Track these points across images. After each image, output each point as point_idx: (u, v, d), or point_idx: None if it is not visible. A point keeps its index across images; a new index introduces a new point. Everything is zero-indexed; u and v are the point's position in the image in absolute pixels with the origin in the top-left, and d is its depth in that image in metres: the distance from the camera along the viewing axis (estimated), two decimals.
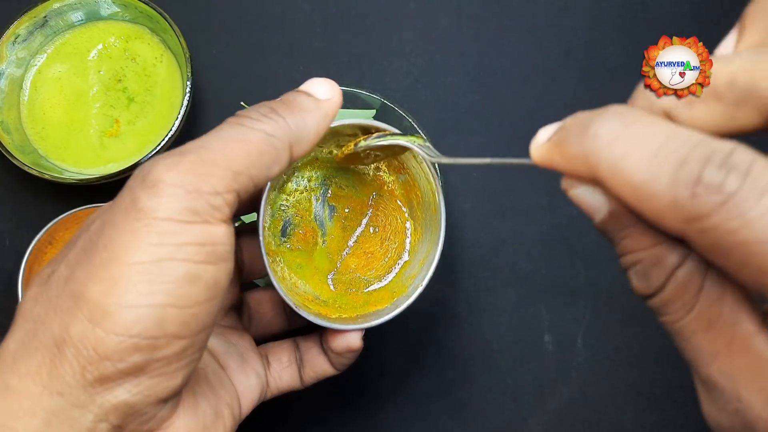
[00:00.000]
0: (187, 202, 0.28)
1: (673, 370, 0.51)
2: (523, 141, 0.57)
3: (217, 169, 0.29)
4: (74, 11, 0.54)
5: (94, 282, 0.27)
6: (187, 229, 0.28)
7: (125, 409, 0.28)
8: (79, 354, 0.27)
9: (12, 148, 0.50)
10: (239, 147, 0.30)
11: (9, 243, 0.54)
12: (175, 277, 0.27)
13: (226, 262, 0.29)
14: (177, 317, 0.27)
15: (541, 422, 0.51)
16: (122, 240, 0.27)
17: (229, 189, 0.29)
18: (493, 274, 0.53)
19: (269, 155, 0.30)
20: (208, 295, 0.28)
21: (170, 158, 0.29)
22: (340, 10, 0.57)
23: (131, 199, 0.28)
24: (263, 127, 0.31)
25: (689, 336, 0.24)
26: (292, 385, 0.40)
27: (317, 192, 0.43)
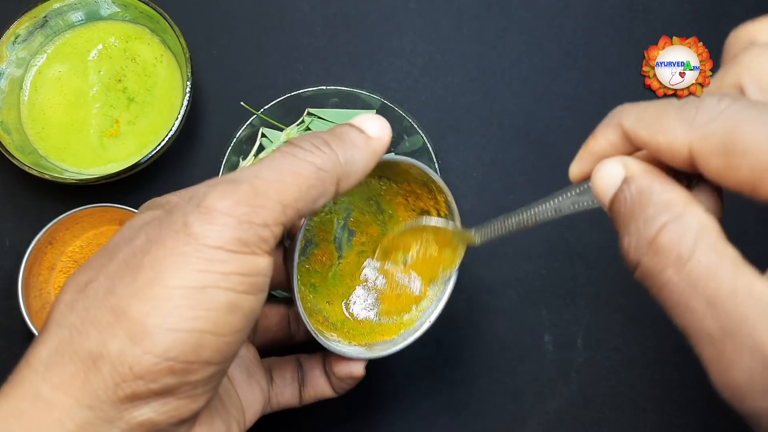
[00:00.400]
0: (238, 233, 0.28)
1: (673, 370, 0.51)
2: (523, 141, 0.57)
3: (268, 202, 0.29)
4: (74, 11, 0.54)
5: (137, 300, 0.27)
6: (235, 259, 0.28)
7: (149, 427, 0.28)
8: (115, 371, 0.27)
9: (12, 148, 0.50)
10: (291, 180, 0.30)
11: (9, 243, 0.54)
12: (218, 305, 0.28)
13: (264, 293, 0.30)
14: (213, 344, 0.28)
15: (541, 422, 0.51)
16: (169, 262, 0.28)
17: (278, 222, 0.29)
18: (493, 275, 0.53)
19: (317, 189, 0.31)
20: (243, 325, 0.29)
21: (224, 186, 0.29)
22: (340, 10, 0.57)
23: (183, 222, 0.28)
24: (315, 160, 0.31)
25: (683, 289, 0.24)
26: (291, 403, 0.41)
27: (340, 216, 0.43)
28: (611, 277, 0.52)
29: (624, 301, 0.52)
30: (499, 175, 0.54)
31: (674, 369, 0.51)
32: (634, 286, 0.55)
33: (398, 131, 0.52)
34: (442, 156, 0.54)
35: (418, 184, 0.41)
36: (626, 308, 0.52)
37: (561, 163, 0.38)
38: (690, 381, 0.51)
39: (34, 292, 0.50)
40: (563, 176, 0.37)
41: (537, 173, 0.54)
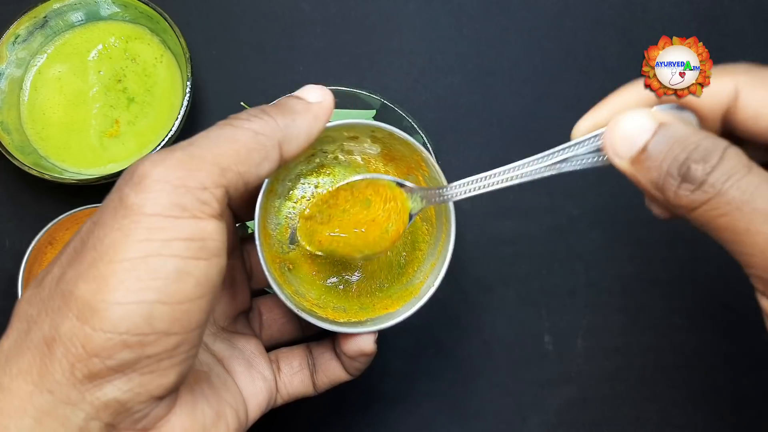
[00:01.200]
0: (174, 198, 0.28)
1: (673, 371, 0.51)
2: (523, 141, 0.57)
3: (204, 165, 0.29)
4: (74, 11, 0.54)
5: (83, 280, 0.27)
6: (175, 225, 0.28)
7: (116, 407, 0.28)
8: (68, 352, 0.27)
9: (12, 149, 0.50)
10: (228, 145, 0.30)
11: (9, 243, 0.54)
12: (164, 273, 0.27)
13: (218, 258, 0.29)
14: (166, 314, 0.27)
15: (541, 422, 0.51)
16: (111, 238, 0.27)
17: (217, 184, 0.29)
18: (494, 275, 0.53)
19: (258, 153, 0.31)
20: (198, 292, 0.28)
21: (157, 155, 0.29)
22: (340, 11, 0.57)
23: (119, 197, 0.28)
24: (252, 126, 0.31)
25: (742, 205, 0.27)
26: (304, 391, 0.40)
27: None
28: (611, 277, 0.52)
29: (624, 301, 0.52)
30: None
31: (674, 369, 0.51)
32: (634, 286, 0.55)
33: None
34: (442, 156, 0.54)
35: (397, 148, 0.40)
36: (626, 308, 0.52)
37: None
38: (690, 381, 0.51)
39: None
40: (564, 176, 0.37)
41: None
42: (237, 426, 0.34)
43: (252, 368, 0.37)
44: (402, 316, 0.38)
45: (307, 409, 0.51)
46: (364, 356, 0.38)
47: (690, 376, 0.51)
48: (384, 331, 0.38)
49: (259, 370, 0.38)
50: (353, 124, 0.38)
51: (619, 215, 0.53)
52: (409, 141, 0.38)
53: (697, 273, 0.52)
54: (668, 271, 0.52)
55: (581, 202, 0.53)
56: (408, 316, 0.38)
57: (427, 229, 0.42)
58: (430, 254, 0.41)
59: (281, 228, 0.42)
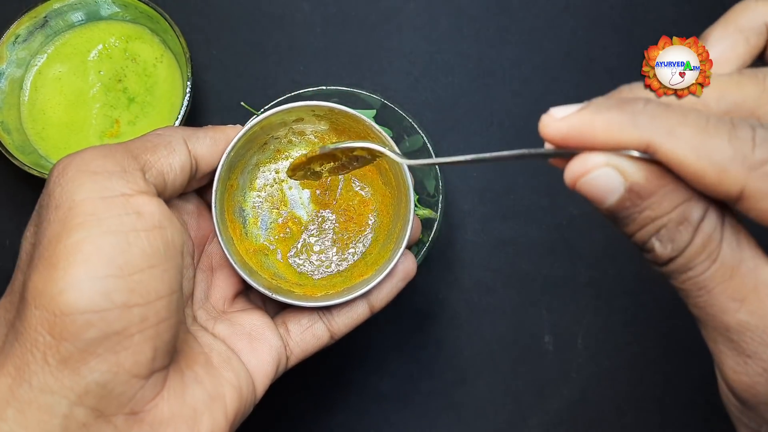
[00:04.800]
0: (98, 181, 0.30)
1: (673, 370, 0.51)
2: (523, 141, 0.57)
3: (116, 152, 0.32)
4: (74, 11, 0.54)
5: (35, 273, 0.29)
6: (106, 204, 0.30)
7: (98, 390, 0.28)
8: (36, 341, 0.28)
9: (12, 149, 0.50)
10: (134, 141, 0.34)
11: (9, 243, 0.54)
12: (108, 248, 0.29)
13: (161, 230, 0.31)
14: (121, 286, 0.29)
15: (541, 422, 0.51)
16: (51, 230, 0.29)
17: (134, 167, 0.32)
18: (494, 275, 0.53)
19: (163, 147, 0.35)
20: (149, 262, 0.30)
21: (74, 152, 0.32)
22: (340, 10, 0.57)
23: (47, 194, 0.31)
24: (158, 131, 0.36)
25: (714, 286, 0.25)
26: (320, 343, 0.40)
27: (287, 181, 0.44)
28: (611, 277, 0.52)
29: (624, 301, 0.52)
30: (499, 175, 0.54)
31: (674, 369, 0.51)
32: (634, 286, 0.55)
33: (398, 131, 0.52)
34: (442, 156, 0.54)
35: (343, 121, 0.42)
36: (626, 308, 0.52)
37: None
38: (690, 381, 0.51)
39: None
40: None
41: (537, 173, 0.54)
42: (239, 403, 0.35)
43: (255, 340, 0.38)
44: (377, 279, 0.39)
45: (308, 408, 0.51)
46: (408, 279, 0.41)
47: (690, 376, 0.51)
48: (384, 331, 0.38)
49: (263, 341, 0.38)
50: (290, 108, 0.40)
51: None
52: (349, 112, 0.40)
53: None
54: None
55: (581, 202, 0.53)
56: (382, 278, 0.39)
57: (390, 192, 0.44)
58: (395, 218, 0.42)
59: (251, 219, 0.43)
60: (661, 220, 0.25)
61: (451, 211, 0.54)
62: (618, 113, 0.25)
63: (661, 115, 0.24)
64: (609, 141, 0.25)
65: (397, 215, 0.42)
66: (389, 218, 0.43)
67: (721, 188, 0.24)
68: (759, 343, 0.25)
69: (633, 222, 0.26)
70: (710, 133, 0.24)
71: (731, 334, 0.25)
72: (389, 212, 0.43)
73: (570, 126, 0.26)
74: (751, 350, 0.25)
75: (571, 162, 0.26)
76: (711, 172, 0.24)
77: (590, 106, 0.26)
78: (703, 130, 0.24)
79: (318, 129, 0.43)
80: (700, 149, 0.24)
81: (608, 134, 0.25)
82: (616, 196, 0.26)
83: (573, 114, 0.26)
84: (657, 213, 0.25)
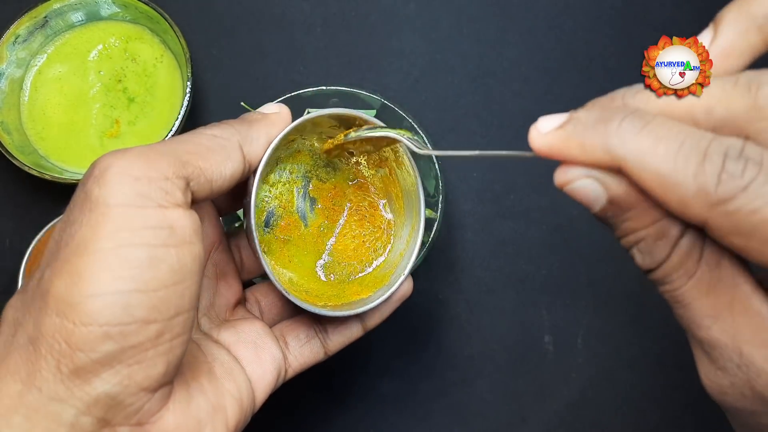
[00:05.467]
0: (137, 188, 0.29)
1: (673, 371, 0.51)
2: (523, 141, 0.57)
3: (164, 157, 0.30)
4: (74, 11, 0.54)
5: (58, 278, 0.28)
6: (141, 214, 0.29)
7: (107, 401, 0.28)
8: (52, 348, 0.27)
9: (12, 149, 0.50)
10: (187, 144, 0.32)
11: (9, 243, 0.54)
12: (137, 262, 0.28)
13: (190, 245, 0.30)
14: (144, 301, 0.28)
15: (541, 422, 0.51)
16: (81, 233, 0.28)
17: (178, 175, 0.30)
18: (494, 275, 0.53)
19: (217, 152, 0.33)
20: (175, 278, 0.29)
21: (119, 150, 0.30)
22: (340, 11, 0.57)
23: (83, 192, 0.29)
24: (212, 131, 0.34)
25: (690, 301, 0.26)
26: (315, 359, 0.40)
27: (299, 184, 0.43)
28: (611, 278, 0.52)
29: (624, 301, 0.52)
30: (499, 175, 0.54)
31: (674, 369, 0.51)
32: (634, 286, 0.55)
33: None
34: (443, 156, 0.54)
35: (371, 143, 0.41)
36: (626, 309, 0.52)
37: None
38: (690, 381, 0.51)
39: None
40: None
41: (537, 174, 0.54)
42: (239, 415, 0.34)
43: (259, 349, 0.38)
44: (374, 302, 0.38)
45: (308, 408, 0.51)
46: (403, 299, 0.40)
47: (690, 376, 0.51)
48: (384, 331, 0.38)
49: (266, 350, 0.38)
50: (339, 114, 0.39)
51: None
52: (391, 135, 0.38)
53: None
54: None
55: None
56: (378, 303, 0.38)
57: (394, 218, 0.43)
58: (399, 241, 0.42)
59: (258, 211, 0.43)
60: (640, 233, 0.26)
61: (451, 211, 0.54)
62: (592, 134, 0.26)
63: (634, 139, 0.25)
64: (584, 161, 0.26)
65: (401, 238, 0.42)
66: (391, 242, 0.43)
67: (687, 218, 0.24)
68: (728, 360, 0.25)
69: (617, 229, 0.27)
70: (678, 165, 0.24)
71: (704, 347, 0.26)
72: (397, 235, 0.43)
73: (551, 143, 0.27)
74: (721, 365, 0.26)
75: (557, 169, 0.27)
76: (675, 204, 0.24)
77: (570, 122, 0.27)
78: (672, 159, 0.24)
79: None
80: (665, 181, 0.24)
81: (582, 155, 0.26)
82: (600, 204, 0.27)
83: (553, 131, 0.28)
84: (636, 225, 0.26)
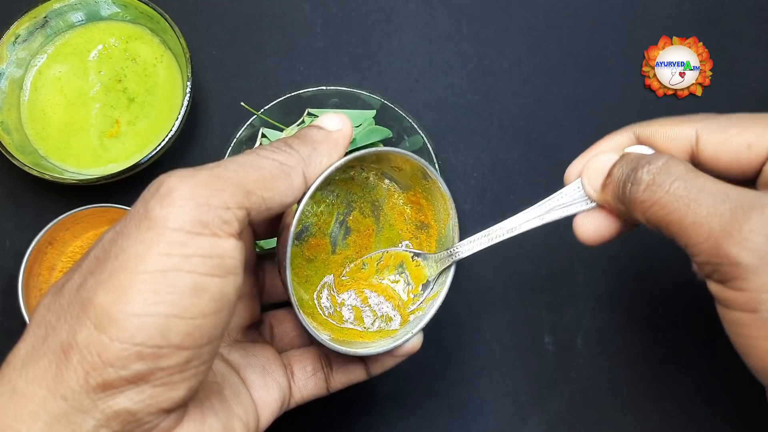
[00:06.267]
0: (197, 214, 0.28)
1: (673, 371, 0.51)
2: (523, 141, 0.57)
3: (229, 186, 0.30)
4: (74, 11, 0.54)
5: (102, 289, 0.28)
6: (196, 241, 0.28)
7: (126, 417, 0.28)
8: (84, 359, 0.27)
9: (12, 149, 0.50)
10: (253, 171, 0.31)
11: (9, 243, 0.54)
12: (182, 288, 0.28)
13: (234, 276, 0.30)
14: (181, 328, 0.28)
15: (541, 422, 0.51)
16: (133, 249, 0.28)
17: (240, 205, 0.30)
18: (494, 275, 0.53)
19: (282, 181, 0.32)
20: (214, 308, 0.29)
21: (185, 171, 0.30)
22: (340, 11, 0.57)
23: (144, 208, 0.29)
24: (277, 157, 0.33)
25: None
26: (317, 393, 0.40)
27: (341, 209, 0.43)
28: (611, 278, 0.52)
29: (624, 301, 0.52)
30: (499, 176, 0.54)
31: (674, 369, 0.51)
32: (634, 286, 0.55)
33: (398, 131, 0.52)
34: (442, 156, 0.54)
35: (423, 194, 0.41)
36: (626, 309, 0.52)
37: (561, 164, 0.38)
38: (690, 381, 0.51)
39: (35, 293, 0.50)
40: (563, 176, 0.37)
41: (537, 174, 0.54)
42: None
43: (267, 375, 0.38)
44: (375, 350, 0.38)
45: (308, 409, 0.51)
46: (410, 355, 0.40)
47: (690, 376, 0.51)
48: None
49: (274, 377, 0.38)
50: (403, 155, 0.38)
51: None
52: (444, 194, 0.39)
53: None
54: (669, 270, 0.52)
55: None
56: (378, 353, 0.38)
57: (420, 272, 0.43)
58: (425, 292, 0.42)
59: None
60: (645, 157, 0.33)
61: None
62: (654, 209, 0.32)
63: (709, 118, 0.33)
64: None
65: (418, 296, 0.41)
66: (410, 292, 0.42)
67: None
68: None
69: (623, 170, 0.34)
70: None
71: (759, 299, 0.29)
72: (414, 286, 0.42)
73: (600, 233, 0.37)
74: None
75: None
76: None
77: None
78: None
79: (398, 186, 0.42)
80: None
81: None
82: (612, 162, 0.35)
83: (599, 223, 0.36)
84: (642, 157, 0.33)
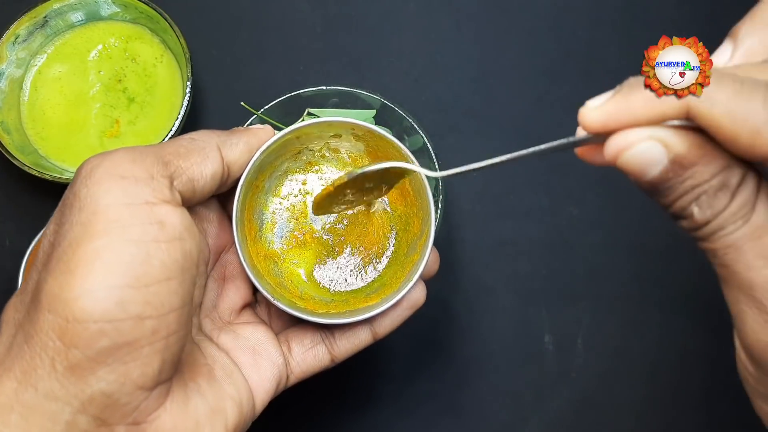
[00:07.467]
0: (124, 186, 0.30)
1: (673, 371, 0.51)
2: (523, 141, 0.57)
3: (147, 157, 0.31)
4: (74, 11, 0.54)
5: (51, 276, 0.28)
6: (130, 211, 0.29)
7: (102, 399, 0.28)
8: (46, 346, 0.28)
9: (12, 149, 0.50)
10: (168, 146, 0.34)
11: (9, 243, 0.54)
12: (129, 258, 0.28)
13: (181, 242, 0.30)
14: (138, 297, 0.28)
15: (541, 423, 0.51)
16: (73, 233, 0.29)
17: (162, 174, 0.31)
18: (494, 275, 0.53)
19: (197, 153, 0.34)
20: (166, 274, 0.29)
21: (103, 152, 0.31)
22: (340, 11, 0.57)
23: (72, 193, 0.30)
24: (189, 135, 0.35)
25: (743, 244, 0.26)
26: (319, 366, 0.40)
27: (312, 193, 0.43)
28: (611, 278, 0.52)
29: (624, 301, 0.52)
30: (499, 176, 0.54)
31: (674, 369, 0.51)
32: (634, 286, 0.55)
33: (398, 131, 0.52)
34: (442, 156, 0.54)
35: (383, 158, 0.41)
36: (626, 309, 0.52)
37: (561, 164, 0.38)
38: (690, 381, 0.51)
39: None
40: (564, 176, 0.37)
41: (537, 173, 0.54)
42: (239, 418, 0.35)
43: (258, 356, 0.38)
44: (381, 308, 0.38)
45: (308, 409, 0.51)
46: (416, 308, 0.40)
47: (690, 376, 0.51)
48: None
49: (266, 356, 0.38)
50: (329, 122, 0.39)
51: (619, 215, 0.53)
52: (390, 139, 0.39)
53: (697, 273, 0.52)
54: (668, 271, 0.52)
55: (581, 202, 0.53)
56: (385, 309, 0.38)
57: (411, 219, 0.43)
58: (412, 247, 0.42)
59: (268, 223, 0.43)
60: (702, 188, 0.27)
61: (451, 211, 0.53)
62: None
63: None
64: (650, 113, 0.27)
65: (414, 246, 0.41)
66: (406, 246, 0.42)
67: (756, 151, 0.25)
68: None
69: (673, 192, 0.27)
70: (744, 97, 0.25)
71: (755, 291, 0.26)
72: (407, 240, 0.42)
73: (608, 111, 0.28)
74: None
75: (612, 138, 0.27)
76: (745, 135, 0.25)
77: (623, 88, 0.28)
78: (737, 93, 0.25)
79: (354, 150, 0.43)
80: (735, 113, 0.25)
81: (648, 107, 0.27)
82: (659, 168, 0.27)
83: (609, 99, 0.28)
84: (698, 181, 0.27)
